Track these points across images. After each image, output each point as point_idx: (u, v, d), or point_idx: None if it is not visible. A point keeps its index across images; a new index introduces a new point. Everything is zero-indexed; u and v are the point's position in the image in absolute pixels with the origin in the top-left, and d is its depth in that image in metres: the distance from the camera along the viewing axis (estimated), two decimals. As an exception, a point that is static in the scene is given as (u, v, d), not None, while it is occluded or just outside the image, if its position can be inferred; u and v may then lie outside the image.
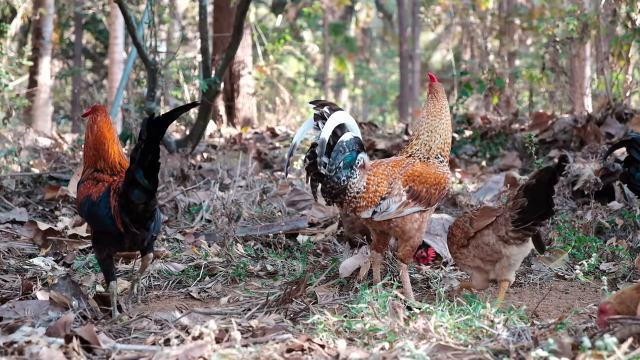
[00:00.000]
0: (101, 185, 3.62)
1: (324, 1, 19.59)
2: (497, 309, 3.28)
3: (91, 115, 3.83)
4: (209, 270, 4.56)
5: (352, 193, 3.69)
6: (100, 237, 3.64)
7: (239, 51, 12.87)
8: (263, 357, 2.66)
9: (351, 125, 3.73)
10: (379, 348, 2.83)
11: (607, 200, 6.10)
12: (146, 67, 7.98)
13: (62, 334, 2.88)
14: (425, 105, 3.87)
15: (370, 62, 28.21)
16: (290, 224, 5.48)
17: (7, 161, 7.77)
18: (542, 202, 3.50)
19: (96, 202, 3.57)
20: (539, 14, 17.76)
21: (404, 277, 3.78)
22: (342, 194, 3.69)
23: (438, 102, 3.86)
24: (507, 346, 2.74)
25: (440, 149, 3.81)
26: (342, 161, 3.66)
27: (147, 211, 3.51)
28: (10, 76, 8.61)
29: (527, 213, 3.52)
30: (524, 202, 3.51)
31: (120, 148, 3.80)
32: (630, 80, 9.62)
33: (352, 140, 3.69)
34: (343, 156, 3.66)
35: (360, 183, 3.70)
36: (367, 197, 3.69)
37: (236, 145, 10.84)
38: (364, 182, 3.70)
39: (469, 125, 10.30)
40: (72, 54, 20.76)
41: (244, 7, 8.23)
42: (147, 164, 3.40)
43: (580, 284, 4.27)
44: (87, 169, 3.77)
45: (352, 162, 3.68)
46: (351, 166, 3.68)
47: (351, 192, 3.69)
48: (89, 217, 3.65)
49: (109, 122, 3.80)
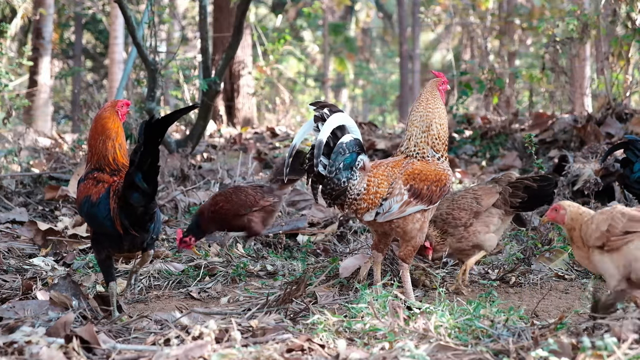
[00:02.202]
0: (101, 185, 3.58)
1: (324, 1, 19.58)
2: (497, 309, 3.29)
3: (101, 108, 3.79)
4: (209, 270, 4.56)
5: (353, 195, 3.68)
6: (100, 237, 3.63)
7: (239, 51, 12.86)
8: (263, 357, 2.65)
9: (351, 126, 3.71)
10: (379, 348, 2.83)
11: (607, 200, 6.10)
12: (146, 67, 7.98)
13: (62, 334, 2.88)
14: (417, 101, 3.86)
15: (370, 62, 28.21)
16: (290, 224, 5.48)
17: (7, 161, 7.77)
18: (540, 202, 4.23)
19: (96, 204, 3.54)
20: (539, 14, 17.76)
21: (404, 277, 3.77)
22: (343, 195, 3.68)
23: (431, 97, 3.84)
24: (507, 346, 2.74)
25: (432, 145, 3.78)
26: (342, 162, 3.64)
27: (146, 214, 3.49)
28: (10, 76, 8.60)
29: (525, 206, 4.22)
30: (524, 197, 4.17)
31: (124, 146, 3.73)
32: (630, 80, 9.62)
33: (352, 141, 3.68)
34: (343, 158, 3.65)
35: (361, 185, 3.69)
36: (368, 198, 3.68)
37: (236, 145, 10.84)
38: (364, 183, 3.69)
39: (469, 125, 10.30)
40: (72, 54, 20.76)
41: (244, 7, 8.23)
42: (147, 167, 3.37)
43: (580, 283, 4.27)
44: (88, 165, 3.72)
45: (352, 163, 3.67)
46: (351, 168, 3.67)
47: (352, 194, 3.68)
48: (88, 217, 3.63)
49: (114, 117, 3.72)
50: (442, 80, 3.93)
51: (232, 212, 4.92)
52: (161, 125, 3.35)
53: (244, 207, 4.95)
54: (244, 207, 4.95)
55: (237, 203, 4.94)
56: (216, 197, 5.03)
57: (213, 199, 5.03)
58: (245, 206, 4.95)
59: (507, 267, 4.41)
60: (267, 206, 5.01)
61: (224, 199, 4.96)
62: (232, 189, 5.08)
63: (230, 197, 4.97)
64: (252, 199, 4.97)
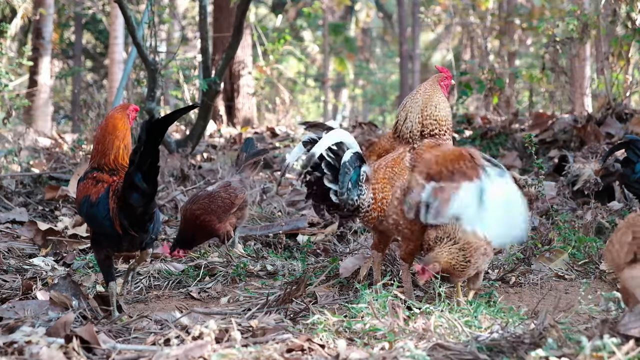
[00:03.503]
0: (100, 185, 3.57)
1: (324, 1, 19.58)
2: (497, 309, 3.29)
3: (112, 109, 3.81)
4: (209, 270, 4.56)
5: (365, 208, 3.68)
6: (99, 237, 3.63)
7: (239, 51, 12.86)
8: (263, 357, 2.66)
9: (348, 141, 3.66)
10: (379, 348, 2.83)
11: (607, 200, 6.10)
12: (146, 67, 7.98)
13: (62, 334, 2.88)
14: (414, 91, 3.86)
15: (370, 62, 28.20)
16: (290, 224, 5.48)
17: (7, 161, 7.77)
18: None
19: (95, 204, 3.53)
20: (539, 14, 17.75)
21: (405, 277, 3.77)
22: (356, 211, 3.67)
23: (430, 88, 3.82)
24: (507, 346, 2.74)
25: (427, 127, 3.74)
26: (350, 182, 3.61)
27: (146, 214, 3.49)
28: (10, 76, 8.61)
29: None
30: None
31: (129, 148, 3.71)
32: (630, 80, 9.61)
33: (353, 157, 3.63)
34: (349, 177, 3.62)
35: (368, 196, 3.68)
36: (377, 207, 3.68)
37: (236, 145, 10.83)
38: (370, 194, 3.68)
39: (469, 125, 10.30)
40: (72, 54, 20.75)
41: (244, 7, 8.23)
42: (147, 168, 3.36)
43: (580, 283, 4.27)
44: (90, 164, 3.72)
45: (358, 179, 3.65)
46: (358, 184, 3.65)
47: (363, 208, 3.67)
48: (88, 217, 3.63)
49: (125, 119, 3.73)
50: (445, 76, 3.90)
51: (214, 222, 4.87)
52: (161, 125, 3.34)
53: (224, 212, 4.90)
54: (225, 213, 4.91)
55: (216, 211, 4.88)
56: (193, 210, 4.91)
57: (191, 212, 4.90)
58: (225, 211, 4.91)
59: (507, 267, 4.41)
60: (241, 203, 4.97)
61: (203, 211, 4.87)
62: (205, 199, 4.95)
63: (208, 207, 4.89)
64: (228, 202, 4.93)
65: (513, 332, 2.93)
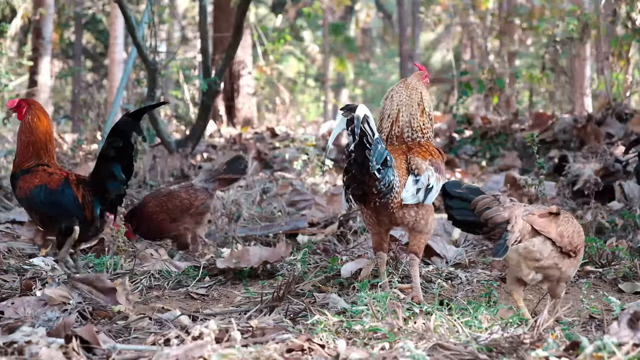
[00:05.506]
0: (55, 176, 4.08)
1: (324, 1, 19.58)
2: (497, 310, 3.28)
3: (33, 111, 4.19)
4: (209, 270, 4.56)
5: (396, 189, 3.55)
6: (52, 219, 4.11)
7: (239, 51, 12.86)
8: (263, 357, 2.65)
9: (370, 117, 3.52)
10: (379, 348, 2.83)
11: (607, 200, 6.10)
12: (146, 67, 7.99)
13: (62, 334, 2.88)
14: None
15: (370, 62, 28.21)
16: (290, 224, 5.48)
17: (7, 161, 7.77)
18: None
19: (57, 191, 4.04)
20: (539, 14, 17.75)
21: (414, 272, 3.66)
22: (390, 193, 3.53)
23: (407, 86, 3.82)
24: (507, 346, 2.74)
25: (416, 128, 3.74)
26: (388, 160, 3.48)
27: (119, 198, 4.14)
28: (10, 76, 8.62)
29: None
30: None
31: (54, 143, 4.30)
32: (630, 80, 9.62)
33: (379, 137, 3.49)
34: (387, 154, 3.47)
35: (396, 179, 3.56)
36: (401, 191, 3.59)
37: (236, 145, 10.84)
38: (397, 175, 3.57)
39: (469, 125, 10.31)
40: (72, 54, 20.75)
41: (244, 7, 8.23)
42: (125, 159, 3.97)
43: (580, 283, 4.27)
44: (25, 162, 4.16)
45: (391, 161, 3.52)
46: (391, 166, 3.51)
47: (395, 190, 3.55)
48: (46, 204, 4.05)
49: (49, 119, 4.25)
50: (424, 74, 3.91)
51: (166, 221, 4.85)
52: (133, 119, 3.91)
53: (181, 212, 4.85)
54: (181, 213, 4.86)
55: (172, 211, 4.84)
56: (149, 202, 4.89)
57: (145, 205, 4.88)
58: (182, 212, 4.86)
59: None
60: (199, 206, 4.91)
61: (158, 208, 4.85)
62: (164, 196, 4.92)
63: (165, 205, 4.86)
64: (186, 202, 4.89)
65: (513, 332, 2.93)
